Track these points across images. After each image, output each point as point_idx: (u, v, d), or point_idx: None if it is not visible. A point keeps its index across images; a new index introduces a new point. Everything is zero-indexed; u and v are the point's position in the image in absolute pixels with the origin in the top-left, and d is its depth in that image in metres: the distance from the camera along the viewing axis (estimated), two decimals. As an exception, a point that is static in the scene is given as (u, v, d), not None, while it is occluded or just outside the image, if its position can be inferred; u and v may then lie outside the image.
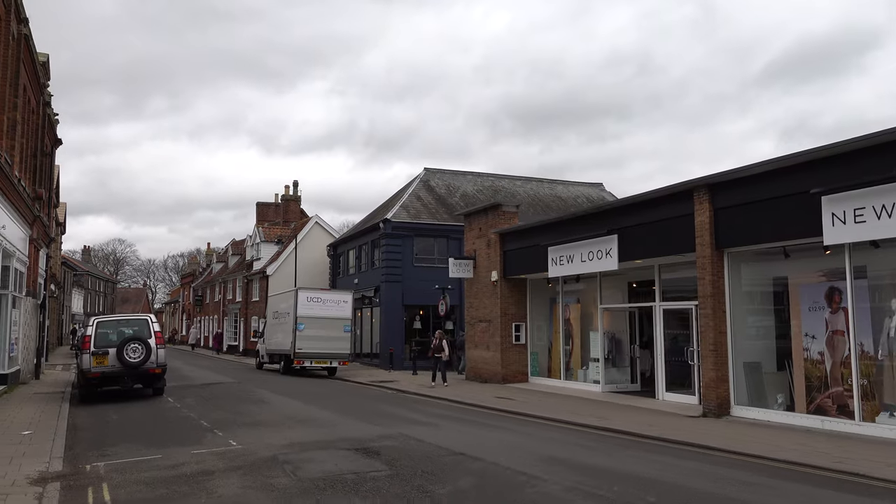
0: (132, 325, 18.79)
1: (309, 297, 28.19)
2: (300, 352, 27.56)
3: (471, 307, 25.83)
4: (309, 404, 16.93)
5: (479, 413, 16.21)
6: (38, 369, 25.32)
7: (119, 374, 17.73)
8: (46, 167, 26.53)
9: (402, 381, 25.55)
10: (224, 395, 19.29)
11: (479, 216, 25.66)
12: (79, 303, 77.02)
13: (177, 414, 15.00)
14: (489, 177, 40.86)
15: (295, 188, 50.35)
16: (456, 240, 33.93)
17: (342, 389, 22.56)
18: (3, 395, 18.45)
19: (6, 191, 17.23)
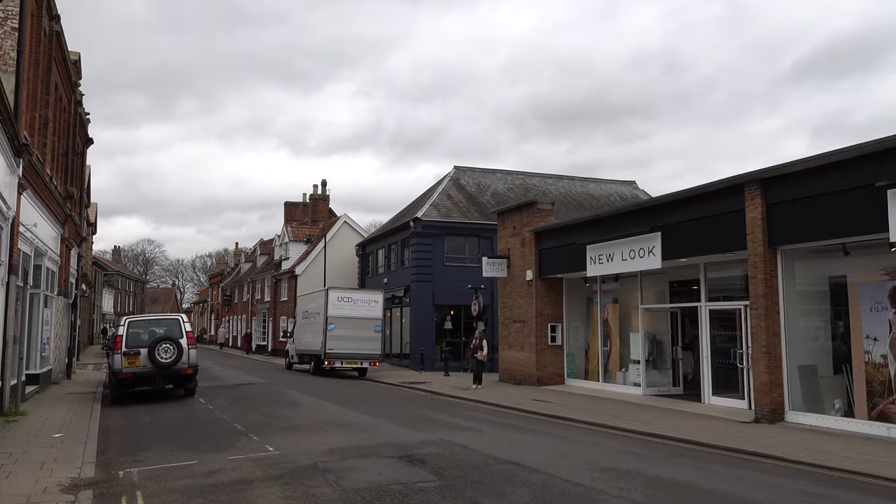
0: (163, 324, 18.52)
1: (339, 296, 27.82)
2: (330, 352, 27.20)
3: (504, 307, 25.26)
4: (344, 407, 16.50)
5: (519, 417, 15.65)
6: (69, 369, 25.24)
7: (150, 375, 17.46)
8: (78, 166, 26.47)
9: (434, 382, 25.06)
10: (256, 397, 18.95)
11: (512, 214, 25.08)
12: (109, 302, 77.74)
13: (210, 416, 14.65)
14: (519, 175, 40.24)
15: (323, 187, 50.12)
16: (487, 239, 33.42)
17: (374, 391, 22.12)
18: (34, 396, 18.28)
19: (38, 189, 17.04)
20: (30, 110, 16.48)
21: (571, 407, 17.13)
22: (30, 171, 15.55)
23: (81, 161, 27.76)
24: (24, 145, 14.22)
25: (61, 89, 21.64)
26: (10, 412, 14.18)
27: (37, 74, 17.19)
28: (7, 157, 13.33)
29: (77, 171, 26.24)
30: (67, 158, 23.77)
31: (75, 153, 25.56)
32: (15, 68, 14.57)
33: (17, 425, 12.78)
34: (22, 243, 16.06)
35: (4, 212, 13.62)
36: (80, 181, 27.27)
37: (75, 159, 25.58)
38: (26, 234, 16.37)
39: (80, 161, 27.52)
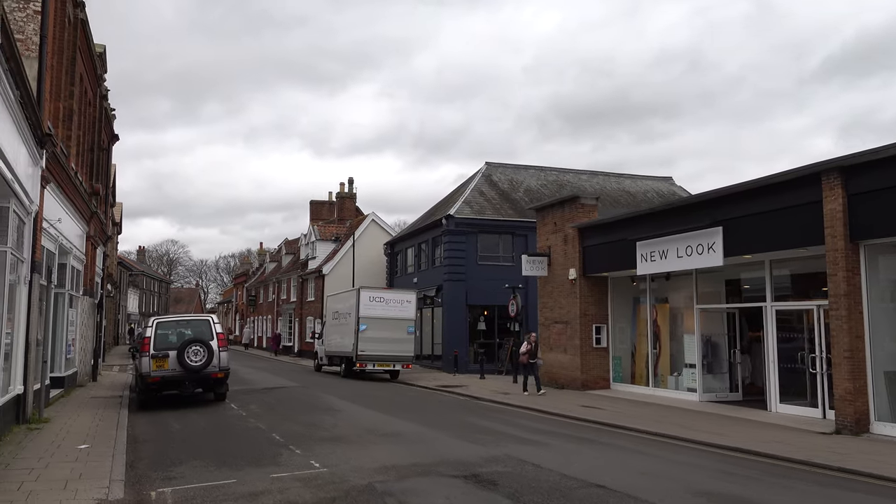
0: (193, 325, 17.58)
1: (371, 296, 26.81)
2: (362, 354, 26.19)
3: (545, 307, 24.10)
4: (385, 414, 15.45)
5: (576, 426, 14.49)
6: (95, 371, 24.49)
7: (180, 379, 16.53)
8: (103, 163, 25.73)
9: (471, 385, 23.97)
10: (290, 402, 17.96)
11: (553, 210, 23.91)
12: (134, 303, 77.53)
13: (244, 424, 13.66)
14: (553, 171, 39.02)
15: (350, 185, 49.15)
16: (521, 236, 32.29)
17: (411, 395, 21.06)
18: (59, 400, 17.45)
19: (62, 183, 16.20)
20: (53, 100, 15.63)
21: (627, 414, 15.96)
22: (53, 163, 14.70)
23: (107, 158, 27.03)
24: (47, 135, 13.35)
25: (86, 81, 20.85)
26: (33, 419, 13.32)
27: (60, 63, 16.36)
28: (29, 147, 12.46)
29: (103, 167, 25.49)
30: (93, 154, 23.00)
31: (101, 149, 24.81)
32: (38, 54, 13.69)
33: (40, 434, 11.89)
34: (46, 240, 15.22)
35: (27, 206, 12.74)
36: (105, 178, 26.54)
37: (101, 155, 24.83)
38: (50, 230, 15.53)
39: (106, 158, 26.79)
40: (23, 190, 12.05)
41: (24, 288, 13.06)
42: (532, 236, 32.10)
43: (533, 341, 21.14)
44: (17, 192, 11.48)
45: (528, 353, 20.86)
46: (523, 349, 21.06)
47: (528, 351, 20.91)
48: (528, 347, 20.97)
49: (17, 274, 12.83)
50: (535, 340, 21.29)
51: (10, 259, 11.80)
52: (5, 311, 11.34)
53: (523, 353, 21.00)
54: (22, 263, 12.96)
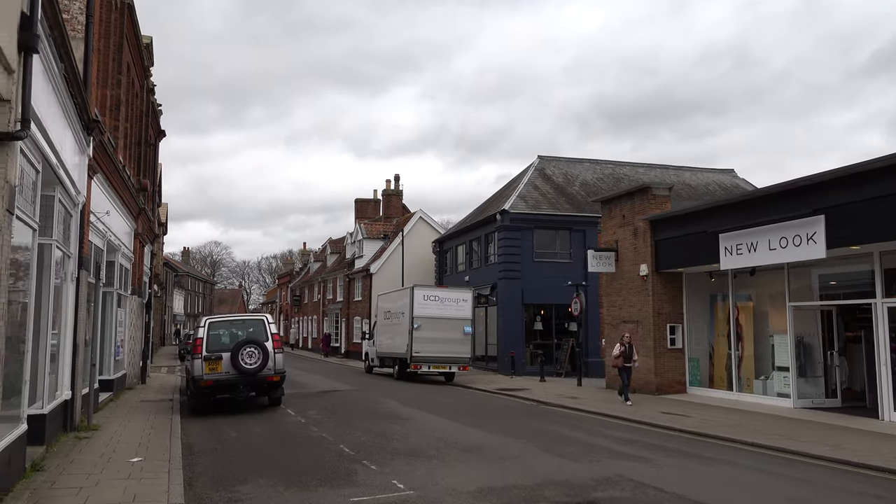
0: (247, 325, 16.57)
1: (426, 295, 25.62)
2: (417, 355, 25.03)
3: (612, 306, 22.62)
4: (457, 422, 14.19)
5: (668, 436, 13.05)
6: (143, 373, 23.76)
7: (234, 383, 15.52)
8: (150, 159, 25.02)
9: (532, 389, 22.64)
10: (349, 407, 16.82)
11: (622, 202, 22.42)
12: (179, 303, 77.80)
13: (306, 433, 12.53)
14: (608, 164, 37.42)
15: (396, 182, 48.02)
16: (579, 232, 30.85)
17: (475, 400, 19.78)
18: (108, 404, 16.61)
19: (109, 175, 15.33)
20: (100, 86, 14.77)
21: (718, 423, 14.45)
22: (101, 153, 13.80)
23: (154, 153, 26.35)
24: (94, 121, 12.42)
25: (133, 72, 20.06)
26: (81, 426, 12.40)
27: (107, 47, 15.50)
28: (76, 133, 11.53)
29: (150, 163, 24.78)
30: (140, 149, 22.25)
31: (148, 144, 24.08)
32: (83, 34, 12.78)
33: (89, 444, 10.93)
34: (93, 235, 14.35)
35: (73, 196, 11.82)
36: (152, 175, 25.85)
37: (148, 150, 24.10)
38: (98, 224, 14.66)
39: (153, 153, 26.10)
40: (69, 178, 11.11)
41: (70, 285, 12.16)
42: (591, 232, 30.71)
43: (627, 342, 18.65)
44: (63, 179, 10.53)
45: (622, 356, 18.40)
46: (616, 351, 18.61)
47: (622, 353, 18.43)
48: (621, 349, 18.48)
49: (65, 270, 11.92)
50: (629, 341, 18.73)
51: (56, 254, 10.86)
52: (51, 309, 10.39)
53: (616, 355, 18.55)
54: (69, 259, 12.06)
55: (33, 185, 8.77)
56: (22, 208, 8.02)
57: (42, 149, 8.59)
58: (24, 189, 8.22)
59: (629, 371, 18.43)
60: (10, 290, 8.43)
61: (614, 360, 18.66)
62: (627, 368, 18.37)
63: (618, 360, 18.48)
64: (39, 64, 8.01)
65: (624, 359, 18.36)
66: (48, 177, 9.85)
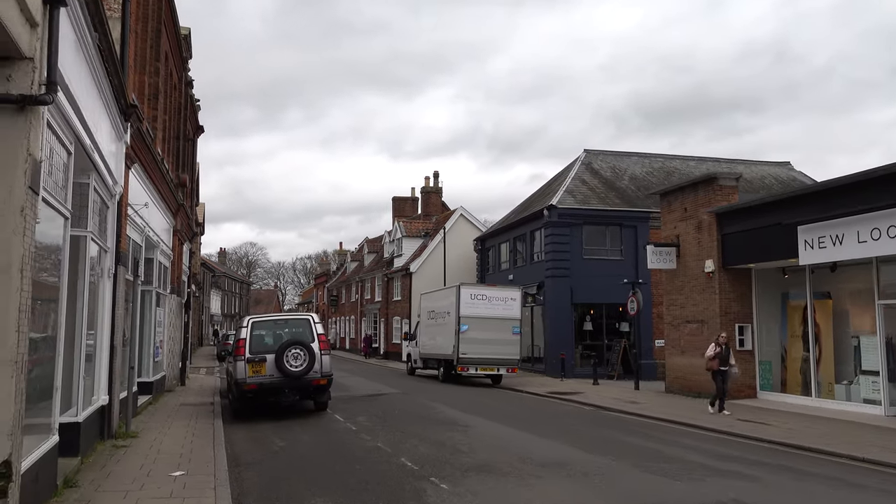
0: (291, 325, 15.64)
1: (473, 293, 24.52)
2: (464, 357, 23.94)
3: (673, 305, 21.27)
4: (521, 430, 13.05)
5: (756, 448, 11.76)
6: (183, 375, 23.06)
7: (278, 386, 14.58)
8: (189, 154, 24.35)
9: (587, 392, 21.40)
10: (400, 413, 15.76)
11: (684, 194, 21.06)
12: (217, 304, 77.81)
13: (360, 443, 11.51)
14: (658, 157, 35.94)
15: (436, 179, 46.94)
16: (630, 228, 29.48)
17: (530, 405, 18.62)
18: (147, 408, 15.82)
19: (147, 166, 14.51)
20: (138, 72, 13.96)
21: (806, 433, 13.10)
22: (139, 142, 12.97)
23: (192, 149, 25.69)
24: (132, 106, 11.57)
25: (171, 62, 19.32)
26: (119, 433, 11.55)
27: (145, 31, 14.69)
28: (112, 118, 10.66)
29: (188, 159, 24.10)
30: (178, 143, 21.53)
31: (186, 139, 23.40)
32: (120, 14, 11.94)
33: (128, 453, 10.04)
34: (131, 230, 13.52)
35: (110, 187, 10.97)
36: (191, 171, 25.18)
37: (186, 146, 23.41)
38: (136, 219, 13.84)
39: (192, 149, 25.45)
40: (105, 167, 10.25)
41: (107, 282, 11.31)
42: (642, 227, 29.34)
43: (723, 342, 16.26)
44: (99, 165, 9.66)
45: (718, 357, 16.10)
46: (710, 353, 16.20)
47: (717, 355, 16.09)
48: (716, 350, 16.13)
49: (101, 266, 11.08)
50: (724, 341, 16.33)
51: (92, 248, 10.00)
52: (86, 307, 9.52)
53: (711, 357, 16.15)
54: (105, 254, 11.20)
55: (65, 168, 7.87)
56: (51, 192, 7.11)
57: (74, 126, 7.69)
58: (55, 171, 7.32)
59: (725, 376, 16.08)
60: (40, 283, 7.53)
61: (708, 363, 16.39)
62: (723, 373, 16.05)
63: (712, 362, 16.12)
64: (70, 30, 7.10)
65: (720, 361, 16.06)
66: (82, 162, 8.97)
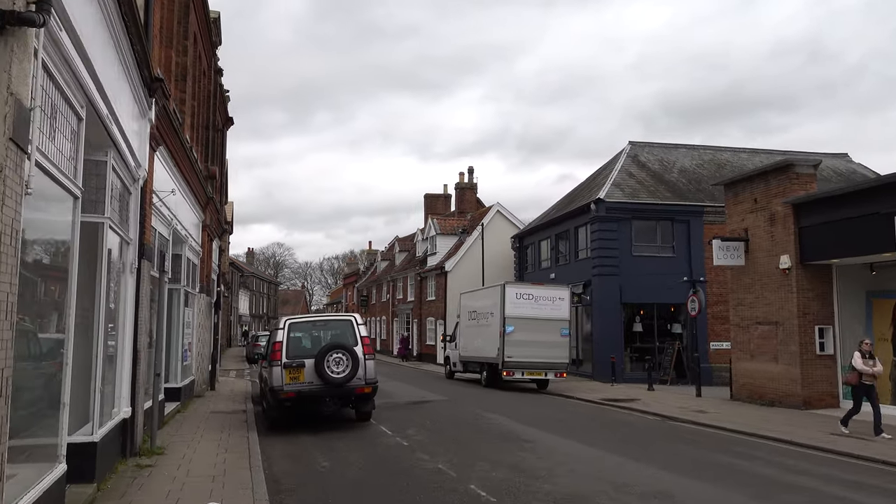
0: (332, 327, 14.21)
1: (518, 293, 22.97)
2: (510, 360, 22.39)
3: (741, 304, 19.53)
4: (595, 447, 11.48)
5: (874, 471, 10.08)
6: (213, 379, 21.80)
7: (318, 395, 13.15)
8: (218, 146, 23.10)
9: (644, 399, 19.76)
10: (452, 424, 14.22)
11: (752, 184, 19.32)
12: (245, 304, 76.98)
13: (417, 463, 10.02)
14: (708, 149, 34.08)
15: (470, 175, 45.33)
16: (682, 223, 27.74)
17: (591, 415, 17.01)
18: (174, 417, 14.52)
19: (174, 151, 13.19)
20: (164, 47, 12.62)
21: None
22: (165, 123, 11.64)
23: (222, 141, 24.46)
24: (157, 80, 10.23)
25: (200, 45, 18.03)
26: (143, 450, 10.20)
27: (171, 3, 13.37)
28: (134, 90, 9.33)
29: (218, 151, 22.85)
30: (208, 133, 20.27)
31: (216, 129, 22.15)
32: (144, -23, 10.60)
33: (152, 476, 8.68)
34: (157, 221, 12.20)
35: (132, 169, 9.63)
36: (220, 164, 23.94)
37: (216, 137, 22.16)
38: (162, 210, 12.52)
39: (221, 141, 24.21)
40: (126, 144, 8.90)
41: (130, 278, 9.97)
42: (695, 222, 27.62)
43: (867, 350, 13.43)
44: (118, 141, 8.31)
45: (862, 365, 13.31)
46: (859, 363, 13.29)
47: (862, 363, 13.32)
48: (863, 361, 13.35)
49: (123, 260, 9.75)
50: (869, 349, 13.52)
51: (111, 238, 8.65)
52: (102, 306, 8.16)
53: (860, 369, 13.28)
54: (128, 246, 9.87)
55: (73, 136, 6.49)
56: (53, 160, 5.71)
57: (84, 83, 6.30)
58: (58, 136, 5.93)
59: (872, 390, 13.33)
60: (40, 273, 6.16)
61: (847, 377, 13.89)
62: (868, 387, 13.31)
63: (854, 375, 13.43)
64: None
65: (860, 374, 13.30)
66: (97, 135, 7.62)
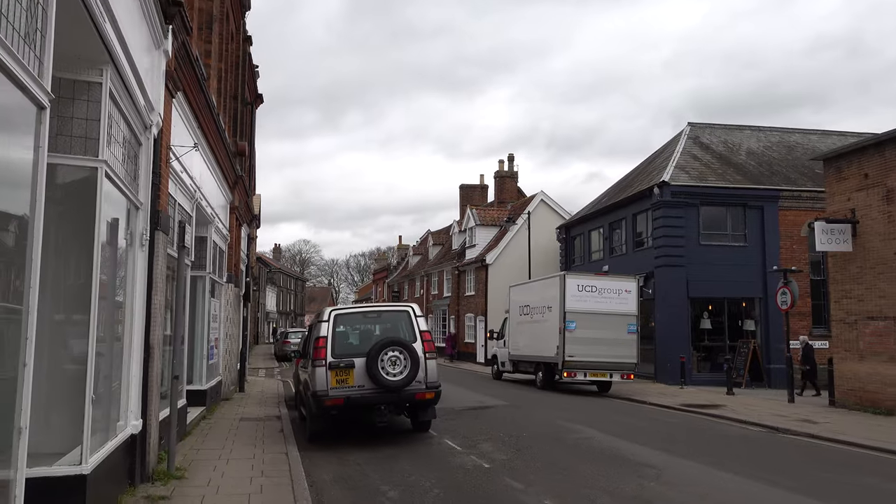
0: (385, 320, 11.87)
1: (580, 284, 20.50)
2: (571, 360, 19.95)
3: (846, 297, 16.92)
4: (722, 469, 9.05)
5: None
6: (241, 379, 19.67)
7: (372, 402, 10.85)
8: (247, 121, 20.95)
9: (730, 405, 17.27)
10: (532, 437, 11.70)
11: (862, 157, 16.68)
12: (272, 300, 75.22)
13: (510, 494, 7.65)
14: (774, 131, 31.28)
15: (510, 163, 42.75)
16: (755, 209, 25.12)
17: (682, 424, 14.48)
18: (198, 425, 12.35)
19: (198, 108, 10.98)
20: (185, -23, 10.40)
21: None
22: (185, 66, 9.41)
23: (251, 119, 22.29)
24: (174, 3, 7.98)
25: (227, 3, 15.87)
26: (157, 472, 7.97)
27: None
28: (146, 8, 7.10)
29: (247, 127, 20.70)
30: (236, 104, 18.11)
31: (245, 103, 19.98)
32: None
33: (167, 514, 6.43)
34: (177, 191, 10.01)
35: (142, 110, 7.40)
36: (249, 143, 21.79)
37: (244, 112, 20.00)
38: (183, 176, 10.32)
39: (250, 118, 22.05)
40: (133, 73, 6.69)
41: (139, 252, 7.74)
42: (770, 208, 25.02)
43: None
44: (119, 59, 6.08)
45: None
46: None
47: None
48: None
49: (130, 229, 7.53)
50: None
51: (111, 192, 6.45)
52: (96, 286, 5.92)
53: None
54: (137, 212, 7.66)
55: (38, 14, 4.24)
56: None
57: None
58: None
59: None
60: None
61: None
62: None
63: None
64: None
65: None
66: (85, 39, 5.39)
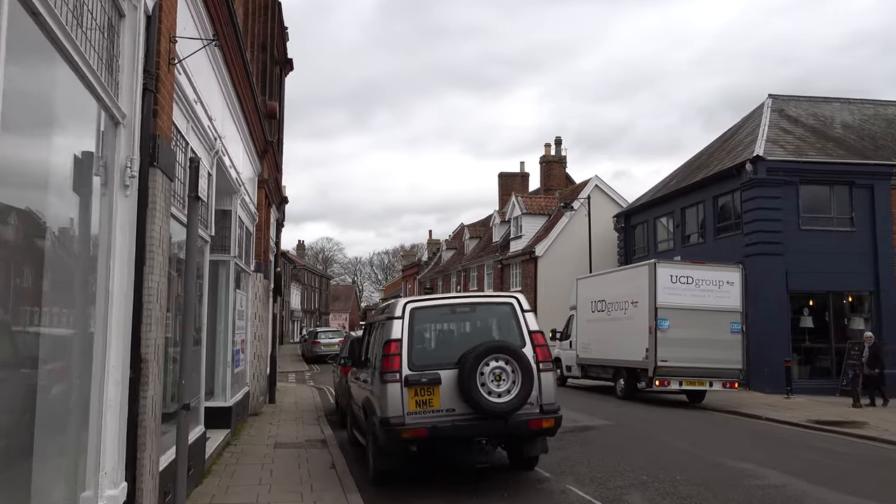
0: (479, 316, 8.66)
1: (674, 275, 17.10)
2: (664, 365, 16.55)
3: None
4: None
5: None
6: (272, 388, 16.57)
7: (468, 433, 7.56)
8: (277, 82, 17.82)
9: (872, 422, 13.90)
10: (693, 482, 8.23)
11: None
12: (297, 299, 72.39)
13: None
14: (867, 103, 27.64)
15: (558, 147, 39.25)
16: (864, 188, 21.64)
17: (855, 454, 11.11)
18: (222, 453, 9.24)
19: (225, 34, 7.82)
20: None
21: None
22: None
23: (280, 80, 19.14)
24: None
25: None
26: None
27: None
28: None
29: (276, 88, 17.57)
30: (265, 57, 15.00)
31: (274, 61, 16.87)
32: None
33: None
34: (183, 122, 6.87)
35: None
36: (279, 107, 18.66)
37: (274, 71, 16.88)
38: (197, 107, 7.19)
39: (279, 80, 18.91)
40: None
41: (121, 200, 4.56)
42: (881, 187, 21.60)
43: None
44: None
45: None
46: None
47: None
48: None
49: (104, 158, 4.41)
50: None
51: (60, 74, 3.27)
52: None
53: None
54: (116, 128, 4.52)
55: None
56: None
57: None
58: None
59: None
60: None
61: None
62: None
63: None
64: None
65: None
66: None
